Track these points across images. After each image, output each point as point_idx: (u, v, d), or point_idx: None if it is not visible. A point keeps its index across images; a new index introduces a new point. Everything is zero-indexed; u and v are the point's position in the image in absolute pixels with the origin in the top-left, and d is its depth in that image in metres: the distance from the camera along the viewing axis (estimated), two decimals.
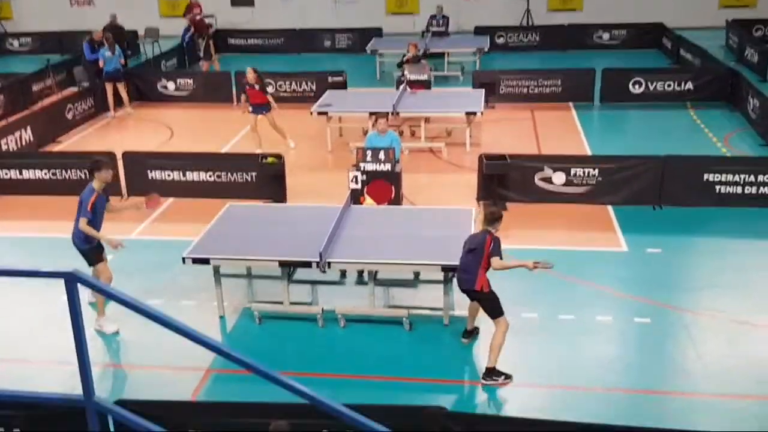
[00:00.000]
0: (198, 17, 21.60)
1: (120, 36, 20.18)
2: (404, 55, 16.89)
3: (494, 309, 7.29)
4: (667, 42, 21.01)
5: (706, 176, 10.95)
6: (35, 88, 17.82)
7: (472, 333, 7.92)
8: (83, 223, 8.06)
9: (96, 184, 8.18)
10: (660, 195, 11.09)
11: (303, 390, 3.23)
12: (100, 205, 8.23)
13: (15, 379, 7.44)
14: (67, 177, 12.20)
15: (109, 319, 8.39)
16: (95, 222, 8.19)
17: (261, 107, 13.69)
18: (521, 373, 7.43)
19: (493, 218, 7.28)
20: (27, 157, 12.91)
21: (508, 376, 7.30)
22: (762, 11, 23.15)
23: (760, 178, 10.82)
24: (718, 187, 10.96)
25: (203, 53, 21.73)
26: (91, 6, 25.91)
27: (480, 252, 7.14)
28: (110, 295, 3.11)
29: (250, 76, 13.62)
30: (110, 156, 12.10)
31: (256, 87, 13.61)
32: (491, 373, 7.28)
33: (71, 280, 2.97)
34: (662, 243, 10.01)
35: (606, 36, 22.40)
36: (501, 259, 7.15)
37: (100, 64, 16.68)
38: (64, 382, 7.16)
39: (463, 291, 7.43)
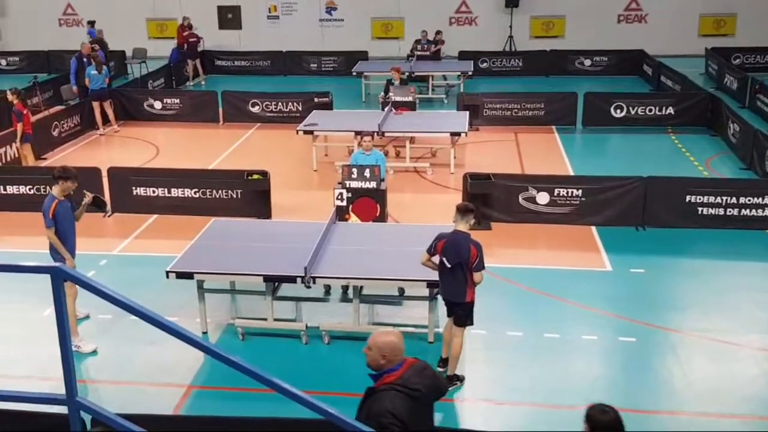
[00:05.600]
0: (191, 39, 21.78)
1: (104, 50, 20.29)
2: (389, 80, 16.96)
3: (468, 318, 7.33)
4: (648, 68, 21.33)
5: (688, 198, 11.06)
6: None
7: (448, 361, 7.64)
8: (49, 234, 7.84)
9: (56, 191, 7.95)
10: (643, 216, 11.18)
11: (321, 406, 3.18)
12: (65, 213, 7.96)
13: None
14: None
15: (84, 339, 8.26)
16: (63, 231, 7.95)
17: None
18: (505, 391, 7.42)
19: (467, 211, 7.19)
20: (10, 172, 12.81)
21: (461, 378, 7.49)
22: (740, 40, 23.61)
23: (742, 200, 10.95)
24: (700, 209, 11.07)
25: (191, 75, 21.90)
26: (80, 26, 25.97)
27: (467, 265, 7.05)
28: (101, 293, 3.05)
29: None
30: (95, 171, 12.06)
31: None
32: (452, 379, 7.42)
33: (57, 276, 2.93)
34: (646, 263, 10.07)
35: (588, 62, 22.71)
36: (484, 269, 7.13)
37: (86, 82, 16.70)
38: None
39: (449, 302, 7.35)
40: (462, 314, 7.31)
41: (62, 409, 3.33)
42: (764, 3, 23.93)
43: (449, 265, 7.10)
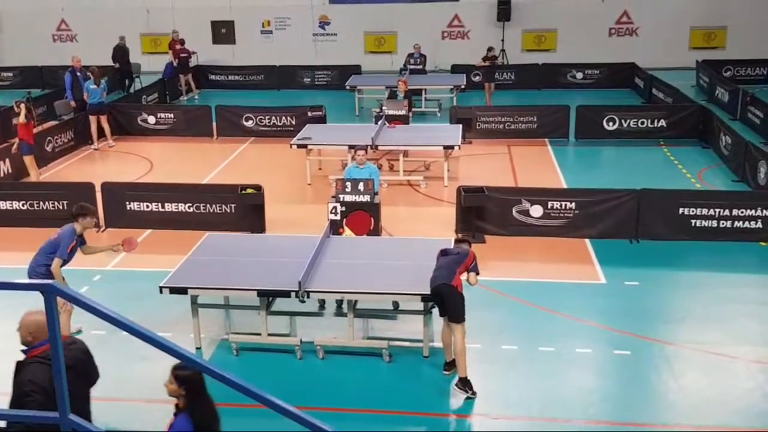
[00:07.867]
0: (182, 55, 21.86)
1: (123, 59, 20.38)
2: (394, 90, 16.99)
3: (460, 311, 7.44)
4: (640, 81, 21.45)
5: (681, 210, 11.10)
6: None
7: (453, 365, 7.82)
8: (57, 265, 7.95)
9: (78, 228, 8.10)
10: (636, 228, 11.20)
11: (315, 423, 3.17)
12: (75, 249, 8.17)
13: None
14: (44, 208, 12.05)
15: None
16: (64, 262, 8.12)
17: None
18: (501, 405, 7.40)
19: (461, 240, 8.11)
20: (4, 188, 12.75)
21: (474, 393, 7.41)
22: (731, 53, 23.80)
23: (735, 212, 10.99)
24: (693, 221, 11.11)
25: (184, 90, 21.94)
26: (74, 42, 26.01)
27: (461, 258, 7.56)
28: (93, 309, 3.04)
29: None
30: (89, 186, 12.03)
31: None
32: (465, 383, 7.42)
33: (50, 292, 2.92)
34: (640, 276, 10.09)
35: (579, 75, 22.83)
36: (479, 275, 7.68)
37: (85, 96, 16.77)
38: None
39: (436, 288, 7.44)
40: (453, 306, 7.41)
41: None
42: (754, 16, 24.14)
43: (449, 252, 7.72)
